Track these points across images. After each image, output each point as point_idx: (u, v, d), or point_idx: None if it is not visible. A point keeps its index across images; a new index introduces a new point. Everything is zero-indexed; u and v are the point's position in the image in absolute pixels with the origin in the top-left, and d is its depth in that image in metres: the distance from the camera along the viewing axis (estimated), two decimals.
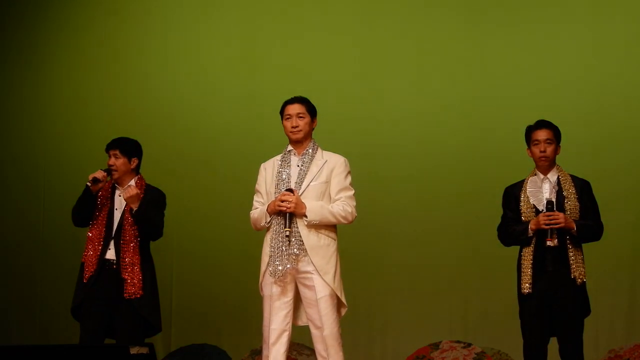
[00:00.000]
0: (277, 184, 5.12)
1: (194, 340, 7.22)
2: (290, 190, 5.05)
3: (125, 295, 5.51)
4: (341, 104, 7.37)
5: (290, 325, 5.08)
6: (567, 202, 5.34)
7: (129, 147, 5.73)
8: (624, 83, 7.06)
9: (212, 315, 7.48)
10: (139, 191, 5.56)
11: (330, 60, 7.56)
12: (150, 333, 5.68)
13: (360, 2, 7.63)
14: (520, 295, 5.34)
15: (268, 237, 5.13)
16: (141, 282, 5.54)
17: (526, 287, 5.29)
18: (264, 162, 5.31)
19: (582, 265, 5.29)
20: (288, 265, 5.01)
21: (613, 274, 6.83)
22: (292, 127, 5.16)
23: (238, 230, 7.27)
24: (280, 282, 5.04)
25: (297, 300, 5.12)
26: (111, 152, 5.69)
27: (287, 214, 5.01)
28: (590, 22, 7.18)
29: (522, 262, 5.35)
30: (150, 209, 5.61)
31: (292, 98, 5.25)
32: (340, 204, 5.09)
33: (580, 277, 5.27)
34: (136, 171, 5.74)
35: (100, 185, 5.59)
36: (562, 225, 5.25)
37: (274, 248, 5.06)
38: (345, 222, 5.12)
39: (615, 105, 7.07)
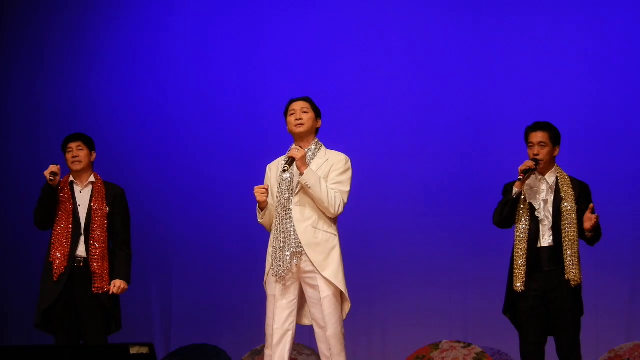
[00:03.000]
0: (280, 184, 5.12)
1: (194, 340, 7.21)
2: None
3: (93, 289, 5.60)
4: (341, 105, 7.38)
5: (293, 325, 5.07)
6: (564, 204, 5.34)
7: (90, 140, 5.85)
8: (625, 81, 7.08)
9: (212, 315, 7.49)
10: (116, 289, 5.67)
11: (329, 62, 7.56)
12: (112, 329, 5.76)
13: (360, 3, 7.63)
14: (514, 294, 5.34)
15: (271, 237, 5.13)
16: (109, 277, 5.64)
17: (519, 286, 5.29)
18: (269, 162, 5.30)
19: (577, 266, 5.27)
20: (289, 265, 5.00)
21: (613, 274, 6.83)
22: (296, 120, 5.15)
23: (238, 230, 7.28)
24: (283, 282, 5.04)
25: (302, 300, 5.12)
26: (73, 145, 5.76)
27: (292, 161, 5.01)
28: (591, 21, 7.19)
29: (516, 259, 5.34)
30: (121, 229, 5.77)
31: (297, 97, 5.26)
32: (332, 192, 5.07)
33: (574, 279, 5.26)
34: (93, 166, 5.83)
35: (57, 178, 5.64)
36: (595, 223, 5.22)
37: (275, 248, 5.06)
38: (331, 209, 5.03)
39: (615, 104, 7.07)
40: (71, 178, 5.79)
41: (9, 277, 7.77)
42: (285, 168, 5.00)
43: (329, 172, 5.10)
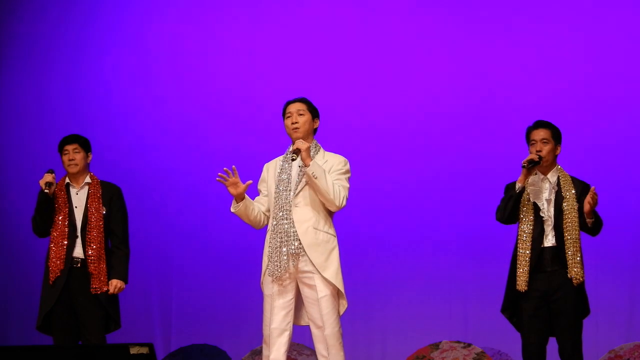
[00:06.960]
0: (278, 184, 5.12)
1: (194, 340, 7.22)
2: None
3: (91, 290, 5.61)
4: (340, 105, 7.38)
5: (290, 325, 5.07)
6: (565, 203, 5.33)
7: (86, 142, 5.85)
8: (625, 81, 7.08)
9: (212, 315, 7.49)
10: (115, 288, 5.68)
11: (327, 61, 7.57)
12: (111, 329, 5.77)
13: (358, 3, 7.63)
14: (514, 293, 5.34)
15: (267, 237, 5.13)
16: (106, 277, 5.64)
17: (523, 285, 5.28)
18: (267, 162, 5.31)
19: (580, 265, 5.27)
20: (286, 266, 5.00)
21: (613, 274, 6.84)
22: (292, 124, 5.16)
23: (238, 230, 7.27)
24: (280, 282, 5.04)
25: (299, 300, 5.11)
26: (70, 148, 5.77)
27: (298, 152, 5.01)
28: (591, 21, 7.20)
29: (519, 259, 5.33)
30: (117, 223, 5.76)
31: (293, 98, 5.26)
32: (336, 185, 5.05)
33: (577, 277, 5.25)
34: (89, 167, 5.84)
35: (53, 186, 5.65)
36: (594, 202, 5.20)
37: (272, 248, 5.06)
38: (336, 202, 5.02)
39: (616, 104, 7.08)
40: (67, 180, 5.80)
41: (10, 278, 7.78)
42: (294, 157, 5.01)
43: (328, 172, 5.09)
